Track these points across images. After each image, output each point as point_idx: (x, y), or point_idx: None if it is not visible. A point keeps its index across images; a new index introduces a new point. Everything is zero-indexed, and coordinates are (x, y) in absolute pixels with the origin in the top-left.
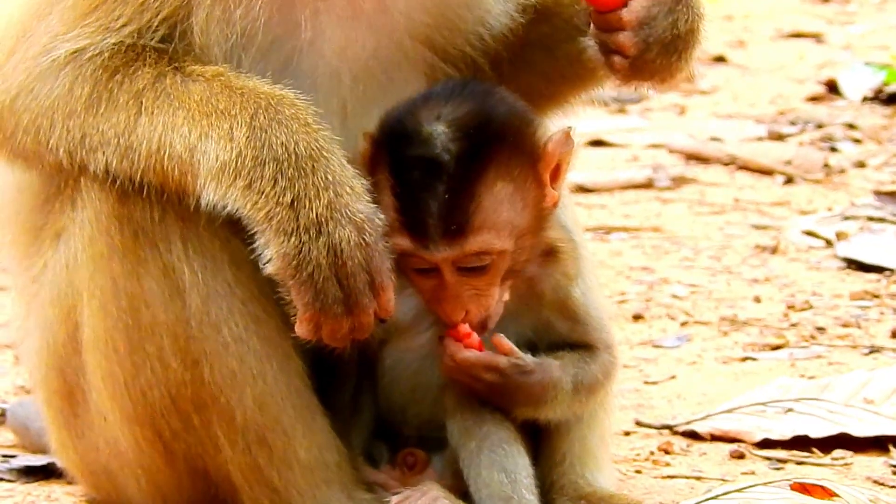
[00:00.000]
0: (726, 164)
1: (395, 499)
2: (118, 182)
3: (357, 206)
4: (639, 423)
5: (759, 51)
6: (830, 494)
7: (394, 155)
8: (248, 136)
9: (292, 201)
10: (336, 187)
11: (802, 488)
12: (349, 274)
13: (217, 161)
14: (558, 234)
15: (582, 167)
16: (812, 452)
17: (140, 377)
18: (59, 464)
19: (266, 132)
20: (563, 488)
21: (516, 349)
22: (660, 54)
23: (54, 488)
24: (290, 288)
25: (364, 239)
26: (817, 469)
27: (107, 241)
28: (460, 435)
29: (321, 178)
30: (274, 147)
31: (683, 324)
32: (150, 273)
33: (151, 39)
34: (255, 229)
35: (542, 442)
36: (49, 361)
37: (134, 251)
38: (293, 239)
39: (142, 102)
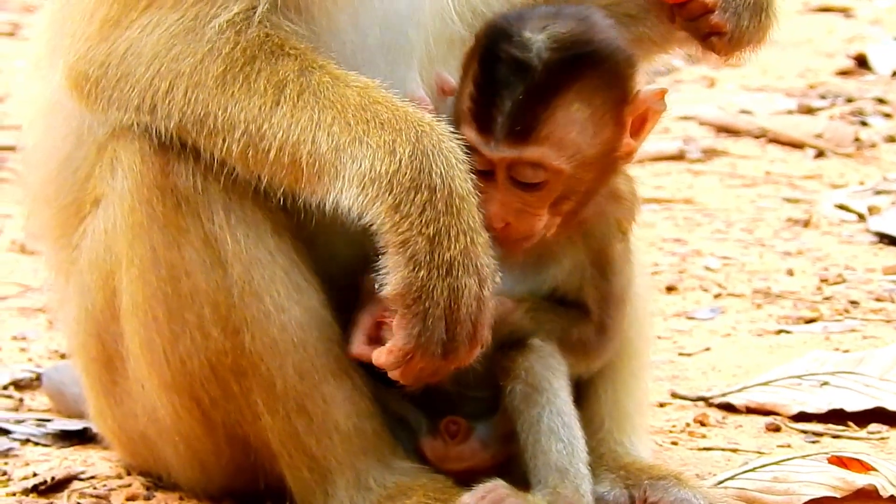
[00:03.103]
0: (757, 137)
1: (466, 498)
2: (162, 152)
3: (484, 259)
4: (674, 395)
5: (787, 24)
6: (867, 468)
7: (489, 49)
8: (411, 155)
9: (433, 236)
10: (473, 234)
11: (840, 462)
12: (459, 320)
13: (371, 170)
14: (628, 186)
15: None
16: (848, 426)
17: (179, 345)
18: (95, 429)
19: (429, 157)
20: (602, 457)
21: None
22: (752, 17)
23: (90, 453)
24: (400, 316)
25: (483, 292)
26: (853, 442)
27: (147, 212)
28: (521, 401)
29: (465, 221)
30: (433, 175)
31: (717, 296)
32: (191, 243)
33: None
34: (387, 249)
35: (580, 409)
36: (87, 328)
37: (175, 222)
38: (422, 272)
39: (283, 92)
